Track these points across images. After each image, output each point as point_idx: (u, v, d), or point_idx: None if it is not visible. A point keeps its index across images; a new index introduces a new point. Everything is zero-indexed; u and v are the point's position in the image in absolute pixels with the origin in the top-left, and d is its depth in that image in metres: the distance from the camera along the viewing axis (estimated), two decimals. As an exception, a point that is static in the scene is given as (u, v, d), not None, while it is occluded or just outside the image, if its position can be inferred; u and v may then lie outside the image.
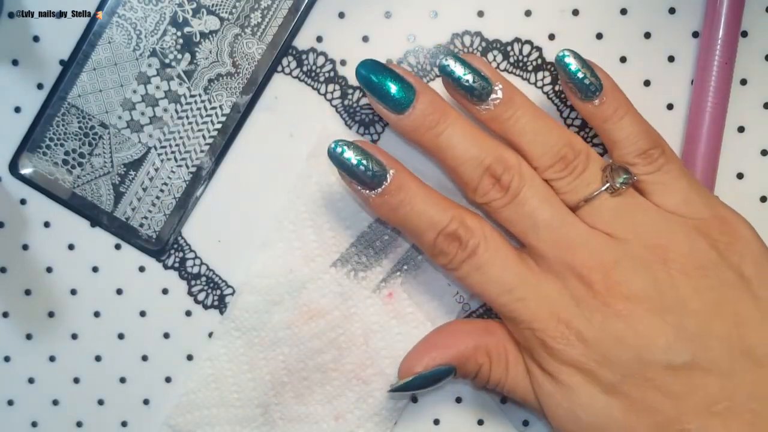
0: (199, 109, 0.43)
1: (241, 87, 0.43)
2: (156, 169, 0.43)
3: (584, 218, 0.37)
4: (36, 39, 0.43)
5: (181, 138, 0.43)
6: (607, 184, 0.36)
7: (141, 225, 0.43)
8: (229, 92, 0.43)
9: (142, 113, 0.43)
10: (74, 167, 0.43)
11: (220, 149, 0.43)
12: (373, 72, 0.37)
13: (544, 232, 0.36)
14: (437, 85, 0.42)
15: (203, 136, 0.43)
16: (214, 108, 0.43)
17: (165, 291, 0.44)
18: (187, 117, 0.43)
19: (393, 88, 0.37)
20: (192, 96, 0.43)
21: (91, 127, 0.43)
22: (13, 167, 0.43)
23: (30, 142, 0.43)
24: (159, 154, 0.43)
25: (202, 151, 0.43)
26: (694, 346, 0.35)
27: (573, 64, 0.37)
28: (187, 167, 0.43)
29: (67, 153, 0.43)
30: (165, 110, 0.43)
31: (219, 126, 0.43)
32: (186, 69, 0.42)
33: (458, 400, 0.44)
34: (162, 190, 0.43)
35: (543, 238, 0.36)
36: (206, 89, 0.43)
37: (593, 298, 0.35)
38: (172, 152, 0.43)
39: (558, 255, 0.36)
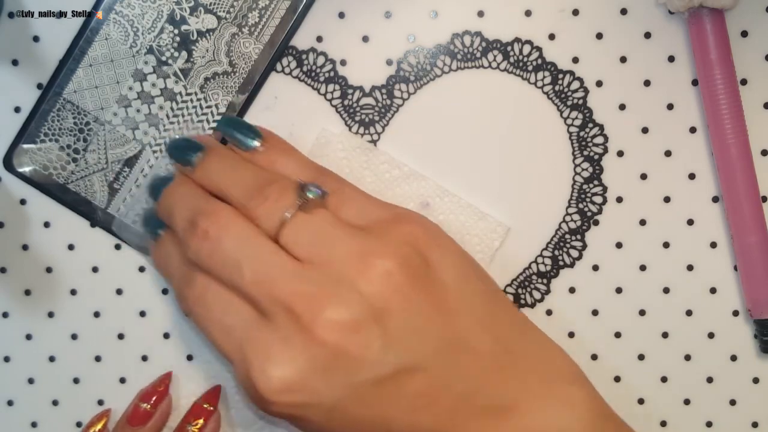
0: (195, 107, 0.43)
1: (237, 86, 0.42)
2: (151, 167, 0.43)
3: (286, 246, 0.37)
4: (36, 39, 0.42)
5: (176, 136, 0.43)
6: (300, 205, 0.37)
7: (134, 222, 0.43)
8: (225, 91, 0.42)
9: (138, 110, 0.43)
10: (69, 163, 0.43)
11: (216, 148, 0.43)
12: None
13: (247, 272, 0.36)
14: (434, 86, 0.43)
15: (198, 135, 0.43)
16: (209, 107, 0.43)
17: (165, 291, 0.44)
18: (183, 115, 0.43)
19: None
20: (188, 94, 0.42)
21: (87, 123, 0.42)
22: (8, 162, 0.43)
23: (25, 137, 0.42)
24: (154, 152, 0.43)
25: (198, 150, 0.43)
26: (398, 352, 0.35)
27: (230, 130, 0.41)
28: (183, 165, 0.43)
29: (61, 148, 0.43)
30: (161, 108, 0.42)
31: (214, 125, 0.43)
32: (182, 67, 0.42)
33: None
34: (157, 188, 0.43)
35: (247, 279, 0.36)
36: (202, 88, 0.42)
37: (300, 332, 0.35)
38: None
39: (264, 292, 0.36)
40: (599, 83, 0.43)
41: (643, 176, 0.43)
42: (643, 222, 0.44)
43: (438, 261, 0.37)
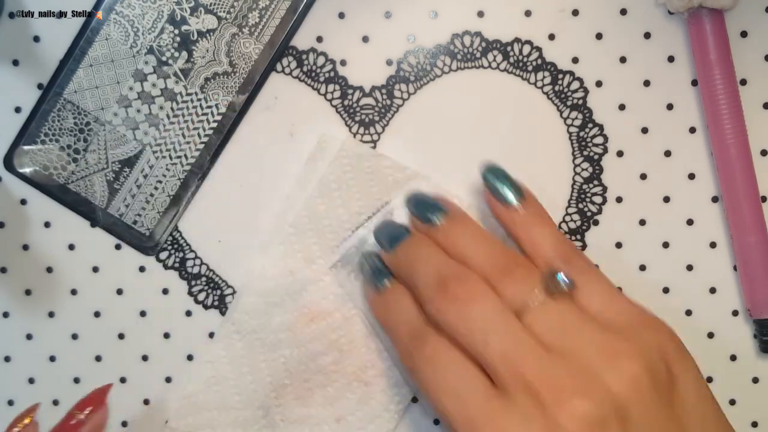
0: (195, 107, 0.43)
1: (237, 86, 0.42)
2: (150, 167, 0.43)
3: (529, 329, 0.36)
4: (36, 39, 0.42)
5: (176, 136, 0.43)
6: (548, 290, 0.37)
7: (134, 222, 0.43)
8: (225, 91, 0.42)
9: (138, 110, 0.43)
10: (69, 163, 0.43)
11: (215, 148, 0.43)
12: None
13: (494, 342, 0.35)
14: (434, 86, 0.43)
15: (198, 135, 0.43)
16: (210, 107, 0.43)
17: (165, 291, 0.44)
18: (183, 115, 0.43)
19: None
20: (188, 94, 0.42)
21: (87, 123, 0.43)
22: (8, 162, 0.43)
23: (25, 137, 0.42)
24: (154, 152, 0.43)
25: (197, 150, 0.43)
26: None
27: (493, 180, 0.40)
28: (182, 165, 0.43)
29: (62, 148, 0.43)
30: (161, 108, 0.42)
31: (214, 125, 0.43)
32: (183, 67, 0.42)
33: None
34: (156, 188, 0.43)
35: (492, 349, 0.35)
36: (202, 88, 0.42)
37: (542, 416, 0.34)
38: (167, 150, 0.43)
39: (508, 367, 0.35)
40: (599, 83, 0.43)
41: (643, 176, 0.43)
42: (642, 222, 0.44)
43: (682, 378, 0.36)
